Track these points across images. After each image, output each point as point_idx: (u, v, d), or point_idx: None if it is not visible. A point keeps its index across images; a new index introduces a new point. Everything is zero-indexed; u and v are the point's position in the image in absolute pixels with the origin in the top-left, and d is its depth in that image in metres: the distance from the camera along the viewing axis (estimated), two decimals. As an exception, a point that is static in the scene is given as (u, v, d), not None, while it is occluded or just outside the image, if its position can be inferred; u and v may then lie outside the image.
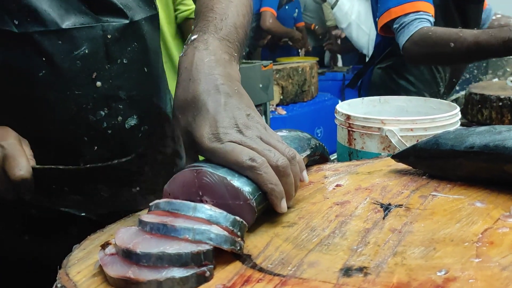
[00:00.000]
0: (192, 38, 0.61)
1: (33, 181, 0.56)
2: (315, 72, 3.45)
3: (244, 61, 3.62)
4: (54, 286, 0.45)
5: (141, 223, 0.47)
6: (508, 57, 1.62)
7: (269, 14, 3.94)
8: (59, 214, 0.69)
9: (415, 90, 1.56)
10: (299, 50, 4.57)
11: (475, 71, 2.50)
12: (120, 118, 0.71)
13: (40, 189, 0.58)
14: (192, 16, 1.82)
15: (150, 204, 0.50)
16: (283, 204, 0.52)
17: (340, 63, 4.76)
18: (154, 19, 0.77)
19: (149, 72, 0.74)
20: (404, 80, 1.57)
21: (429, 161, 0.63)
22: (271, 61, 2.79)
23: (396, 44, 1.38)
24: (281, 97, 3.16)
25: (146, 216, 0.48)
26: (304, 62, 3.42)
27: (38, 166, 0.58)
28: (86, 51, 0.66)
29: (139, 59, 0.72)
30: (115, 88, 0.69)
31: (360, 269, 0.42)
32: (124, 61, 0.70)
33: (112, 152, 0.70)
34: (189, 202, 0.47)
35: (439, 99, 0.98)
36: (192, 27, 0.67)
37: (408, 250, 0.45)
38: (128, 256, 0.43)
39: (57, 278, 0.46)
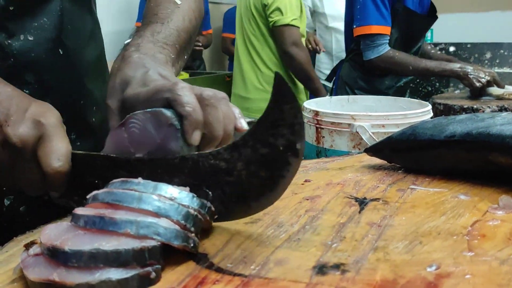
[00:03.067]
0: (125, 42, 0.56)
1: (70, 172, 0.44)
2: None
3: (208, 71, 3.56)
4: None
5: (74, 217, 0.39)
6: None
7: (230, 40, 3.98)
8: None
9: (366, 77, 1.81)
10: None
11: (437, 84, 2.53)
12: None
13: (72, 184, 0.45)
14: (277, 24, 1.91)
15: (88, 196, 0.42)
16: (195, 136, 0.43)
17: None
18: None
19: (65, 56, 0.63)
20: (360, 71, 1.81)
21: (406, 154, 0.57)
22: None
23: (357, 44, 1.74)
24: (245, 108, 3.09)
25: (80, 209, 0.40)
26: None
27: (79, 152, 0.45)
28: None
29: (50, 38, 0.61)
30: (20, 69, 0.58)
31: (337, 266, 0.35)
32: (29, 38, 0.59)
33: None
34: (133, 192, 0.39)
35: (408, 98, 0.94)
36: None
37: (390, 245, 0.38)
38: (55, 255, 0.35)
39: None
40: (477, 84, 1.65)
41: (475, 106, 1.60)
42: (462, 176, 0.54)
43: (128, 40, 0.57)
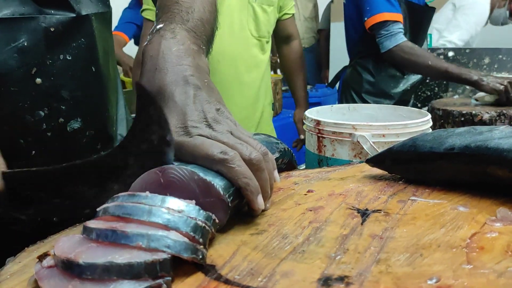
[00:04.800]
0: (158, 27, 0.56)
1: (4, 190, 0.47)
2: (280, 89, 3.43)
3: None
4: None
5: (86, 230, 0.40)
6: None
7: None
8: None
9: (373, 80, 1.84)
10: None
11: (436, 88, 2.54)
12: (61, 119, 0.63)
13: (13, 199, 0.48)
14: (285, 17, 1.76)
15: (98, 209, 0.43)
16: (260, 200, 0.47)
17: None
18: (106, 16, 0.71)
19: (97, 72, 0.67)
20: (367, 73, 1.84)
21: (406, 165, 0.59)
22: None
23: (365, 44, 1.77)
24: (246, 113, 3.11)
25: (92, 222, 0.41)
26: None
27: (7, 170, 0.49)
28: (25, 44, 0.58)
29: (86, 57, 0.65)
30: (58, 87, 0.62)
31: (341, 278, 0.36)
32: (68, 57, 0.62)
33: (52, 158, 0.62)
34: (143, 205, 0.41)
35: (408, 107, 0.96)
36: (155, 20, 0.61)
37: (392, 257, 0.40)
38: (69, 268, 0.36)
39: (-18, 296, 0.38)
40: (500, 87, 1.63)
41: (473, 112, 1.61)
42: (461, 187, 0.56)
43: (161, 25, 0.57)
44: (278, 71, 4.46)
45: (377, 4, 1.67)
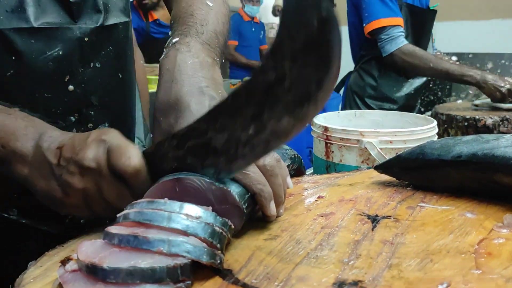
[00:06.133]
0: (174, 40, 0.58)
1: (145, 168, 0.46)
2: (283, 92, 3.45)
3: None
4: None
5: (108, 235, 0.42)
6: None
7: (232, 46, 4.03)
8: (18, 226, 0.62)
9: (376, 85, 1.85)
10: None
11: (439, 93, 2.56)
12: (90, 125, 0.66)
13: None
14: None
15: (118, 215, 0.45)
16: (272, 206, 0.49)
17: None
18: (128, 25, 0.73)
19: (123, 79, 0.70)
20: (370, 77, 1.85)
21: (414, 172, 0.60)
22: (240, 80, 2.77)
23: (368, 49, 1.79)
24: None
25: (113, 228, 0.43)
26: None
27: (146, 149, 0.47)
28: (60, 53, 0.61)
29: (113, 64, 0.68)
30: (88, 93, 0.64)
31: (355, 283, 0.38)
32: (97, 65, 0.65)
33: None
34: (162, 212, 0.42)
35: (414, 113, 0.97)
36: (170, 33, 0.63)
37: (403, 262, 0.41)
38: (93, 272, 0.38)
39: (9, 298, 0.40)
40: (497, 94, 1.68)
41: (477, 117, 1.63)
42: (468, 194, 0.57)
43: (177, 39, 0.59)
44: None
45: (374, 10, 1.69)
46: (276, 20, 5.47)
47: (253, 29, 4.52)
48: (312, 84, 0.37)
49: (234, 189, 0.47)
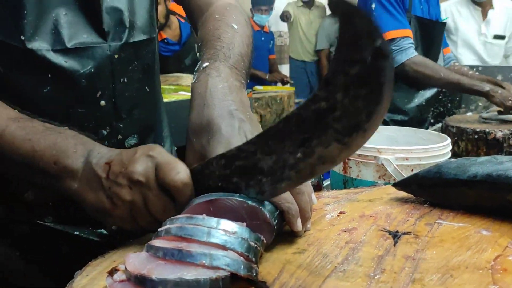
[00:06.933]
0: (204, 65, 0.62)
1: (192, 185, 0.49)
2: (293, 102, 3.49)
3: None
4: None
5: (152, 249, 0.45)
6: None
7: None
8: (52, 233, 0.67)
9: None
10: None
11: (449, 105, 2.59)
12: (120, 137, 0.70)
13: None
14: None
15: (159, 229, 0.48)
16: (299, 223, 0.52)
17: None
18: (154, 40, 0.78)
19: (150, 92, 0.74)
20: None
21: (431, 189, 0.63)
22: (250, 90, 2.81)
23: None
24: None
25: (157, 241, 0.46)
26: (282, 92, 3.46)
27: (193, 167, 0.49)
28: (92, 70, 0.66)
29: (140, 79, 0.73)
30: (118, 107, 0.69)
31: (382, 296, 0.41)
32: (126, 80, 0.70)
33: None
34: (202, 227, 0.46)
35: (428, 130, 1.01)
36: (198, 54, 0.67)
37: (425, 277, 0.44)
38: (142, 282, 0.42)
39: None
40: (508, 103, 1.71)
41: (487, 130, 1.66)
42: (483, 211, 0.60)
43: (207, 63, 0.62)
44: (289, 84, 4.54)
45: (383, 23, 1.71)
46: (284, 27, 5.52)
47: (263, 39, 4.57)
48: (362, 115, 0.39)
49: (266, 207, 0.50)
